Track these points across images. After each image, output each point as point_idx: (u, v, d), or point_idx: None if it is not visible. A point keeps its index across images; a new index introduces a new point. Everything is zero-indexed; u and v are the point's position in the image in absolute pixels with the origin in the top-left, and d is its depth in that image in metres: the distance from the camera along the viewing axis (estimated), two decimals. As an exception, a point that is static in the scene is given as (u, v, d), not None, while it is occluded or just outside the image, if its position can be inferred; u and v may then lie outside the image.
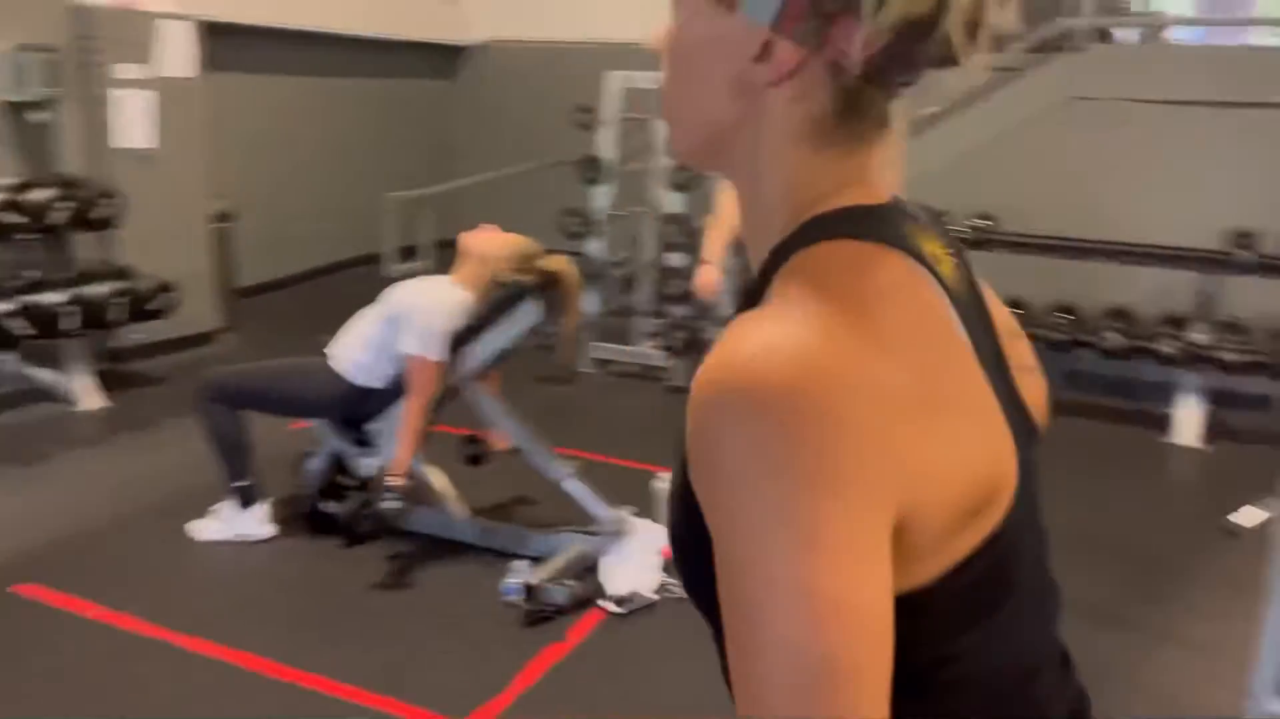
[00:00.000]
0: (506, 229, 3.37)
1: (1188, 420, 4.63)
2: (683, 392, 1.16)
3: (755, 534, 0.59)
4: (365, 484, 3.36)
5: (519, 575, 3.09)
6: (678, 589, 3.08)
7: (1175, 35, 6.87)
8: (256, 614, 3.03)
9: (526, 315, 3.19)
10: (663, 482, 3.52)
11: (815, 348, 0.61)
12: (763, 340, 0.62)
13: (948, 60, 0.67)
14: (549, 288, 3.21)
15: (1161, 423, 4.76)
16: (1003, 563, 0.69)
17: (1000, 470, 0.68)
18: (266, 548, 3.37)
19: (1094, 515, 3.75)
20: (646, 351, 5.46)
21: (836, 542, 0.59)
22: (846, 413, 0.60)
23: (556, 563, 3.12)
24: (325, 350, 3.35)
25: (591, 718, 2.56)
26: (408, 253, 6.03)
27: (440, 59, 8.55)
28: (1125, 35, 6.41)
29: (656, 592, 3.13)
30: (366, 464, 3.45)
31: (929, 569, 0.65)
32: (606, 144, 5.35)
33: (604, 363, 5.57)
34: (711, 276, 4.04)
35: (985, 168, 5.45)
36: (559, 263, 3.30)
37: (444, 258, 5.75)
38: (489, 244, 3.28)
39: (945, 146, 5.57)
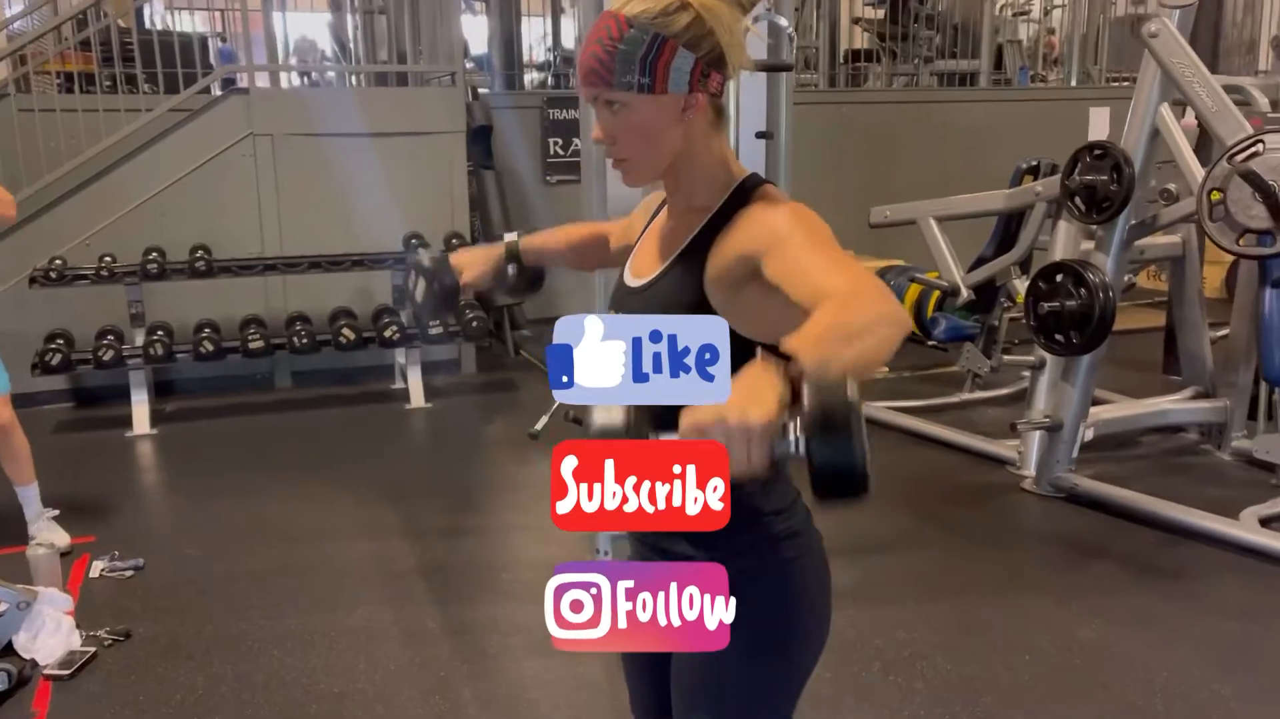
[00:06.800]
0: None
1: (415, 386, 5.75)
2: None
3: (818, 242, 1.27)
4: None
5: (-78, 684, 2.81)
6: (108, 637, 3.15)
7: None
8: None
9: None
10: (43, 547, 3.40)
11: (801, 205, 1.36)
12: (787, 202, 1.36)
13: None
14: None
15: (396, 395, 5.84)
16: None
17: None
18: None
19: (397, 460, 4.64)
20: None
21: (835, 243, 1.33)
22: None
23: (-33, 656, 2.90)
24: None
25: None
26: None
27: None
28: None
29: (85, 645, 3.12)
30: None
31: None
32: None
33: None
34: None
35: (188, 201, 5.82)
36: None
37: None
38: None
39: (139, 185, 5.81)
